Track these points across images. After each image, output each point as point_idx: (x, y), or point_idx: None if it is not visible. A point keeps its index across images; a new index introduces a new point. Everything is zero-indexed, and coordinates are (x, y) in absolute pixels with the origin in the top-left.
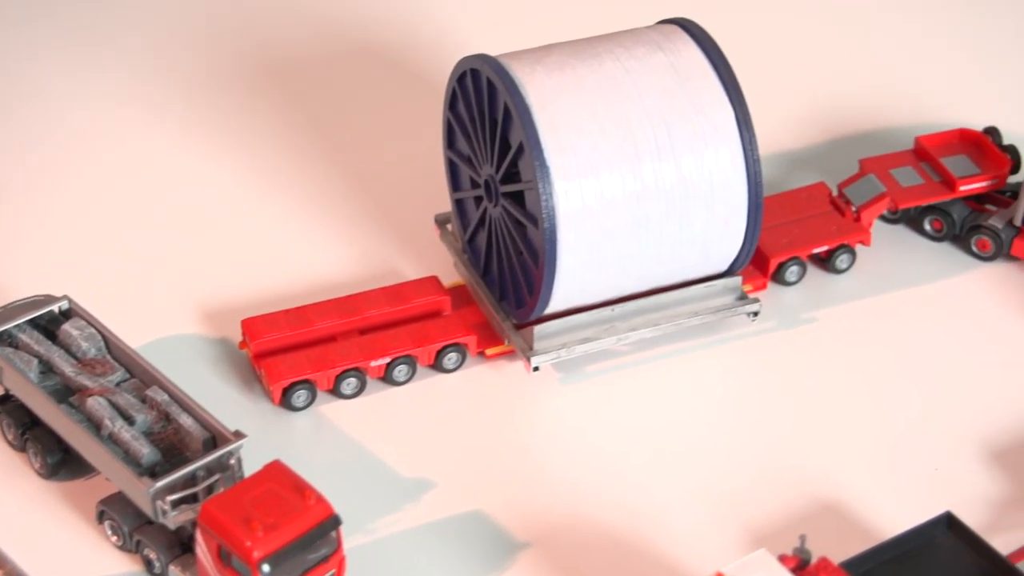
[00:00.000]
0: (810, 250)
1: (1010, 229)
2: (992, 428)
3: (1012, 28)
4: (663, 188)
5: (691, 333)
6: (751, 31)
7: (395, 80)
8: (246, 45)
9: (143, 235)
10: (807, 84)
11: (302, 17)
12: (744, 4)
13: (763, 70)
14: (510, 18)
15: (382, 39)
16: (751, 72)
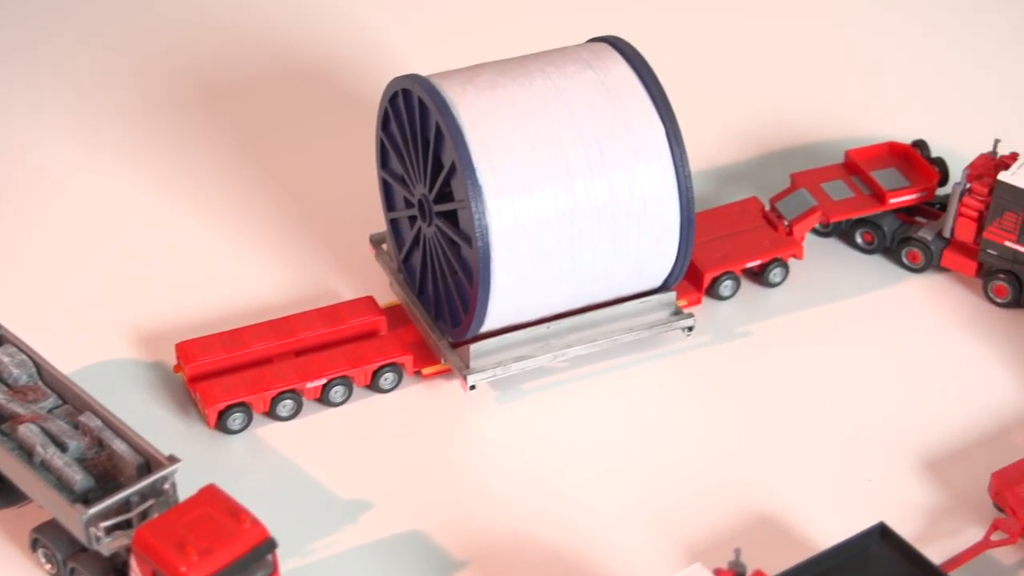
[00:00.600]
0: (743, 264)
1: (939, 241)
2: (925, 438)
3: (939, 42)
4: (595, 205)
5: (627, 349)
6: (682, 48)
7: (328, 101)
8: (177, 68)
9: (75, 260)
10: (739, 99)
11: (233, 40)
12: (675, 22)
13: (695, 86)
14: (443, 38)
15: (314, 60)
16: (683, 89)
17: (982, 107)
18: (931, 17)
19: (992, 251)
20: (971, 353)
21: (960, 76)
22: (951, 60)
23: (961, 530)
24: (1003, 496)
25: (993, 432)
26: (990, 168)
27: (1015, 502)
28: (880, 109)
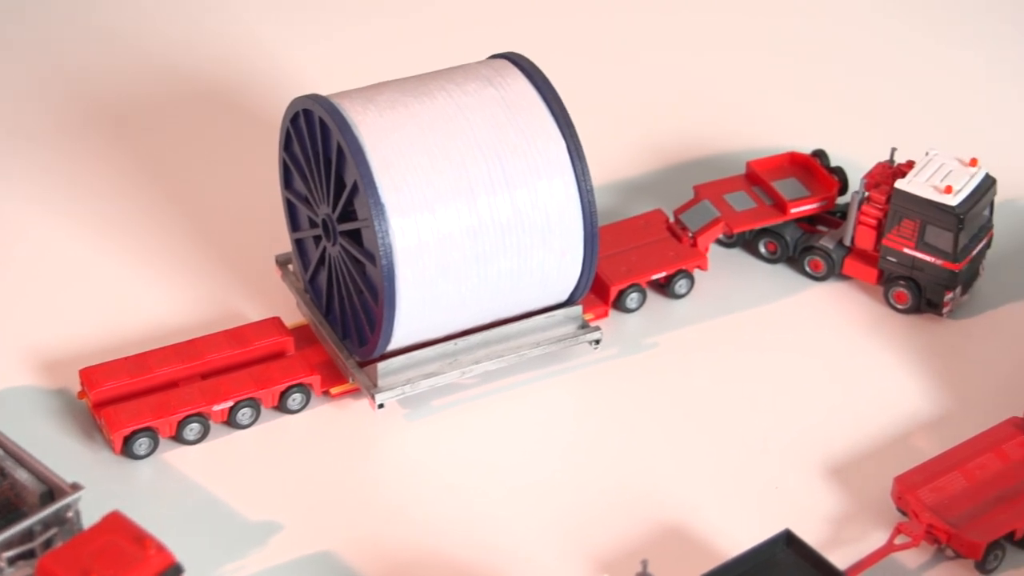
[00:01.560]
0: (649, 276)
1: (841, 249)
2: (830, 444)
3: (836, 53)
4: (499, 222)
5: (535, 363)
6: (584, 63)
7: (231, 122)
8: (78, 91)
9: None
10: (642, 113)
11: (135, 62)
12: (576, 38)
13: (598, 101)
14: (345, 57)
15: (217, 81)
16: (585, 103)
17: (879, 117)
18: (827, 29)
19: (891, 258)
20: (873, 359)
21: (858, 86)
22: (849, 71)
23: (866, 535)
24: (905, 500)
25: (896, 436)
26: (888, 176)
27: (917, 505)
28: (780, 120)
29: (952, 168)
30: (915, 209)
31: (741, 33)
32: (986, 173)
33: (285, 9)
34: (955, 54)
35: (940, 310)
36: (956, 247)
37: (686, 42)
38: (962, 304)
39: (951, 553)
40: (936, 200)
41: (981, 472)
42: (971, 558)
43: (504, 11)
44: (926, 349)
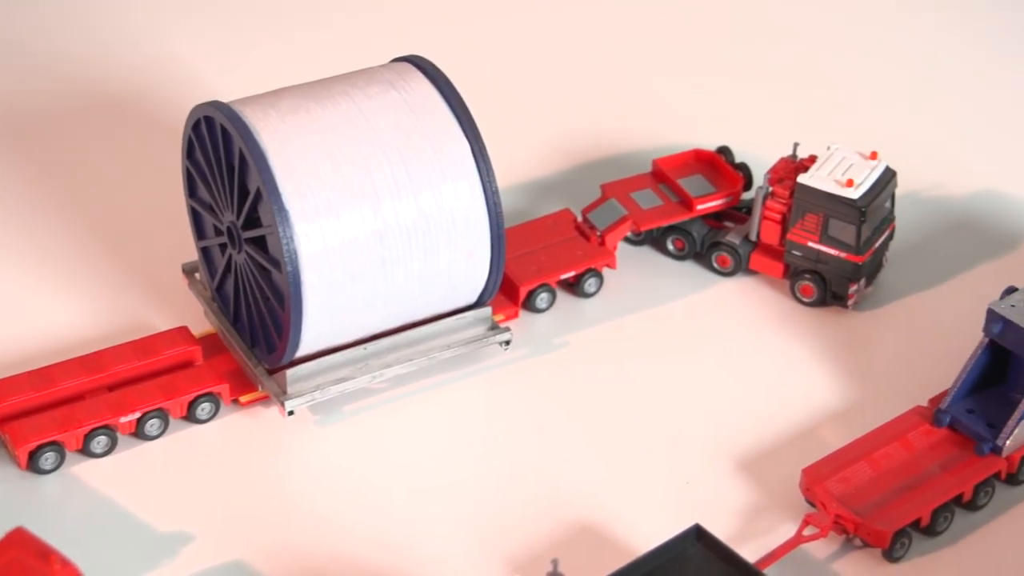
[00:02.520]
0: (558, 276)
1: (747, 244)
2: (740, 438)
3: (738, 50)
4: (404, 225)
5: (447, 366)
6: (488, 64)
7: (134, 131)
8: None
9: None
10: (548, 112)
11: (33, 70)
12: (480, 38)
13: (503, 101)
14: (250, 62)
15: (118, 90)
16: (492, 105)
17: (783, 112)
18: (729, 24)
19: (796, 252)
20: (781, 353)
21: (761, 83)
22: (752, 67)
23: (775, 527)
24: (813, 491)
25: (804, 429)
26: (791, 171)
27: (824, 496)
28: (686, 118)
29: (853, 162)
30: (818, 203)
31: (645, 31)
32: (886, 166)
33: (189, 16)
34: (854, 49)
35: (845, 302)
36: (859, 240)
37: (591, 41)
38: (867, 296)
39: (859, 542)
40: (838, 194)
41: (887, 462)
42: (878, 547)
43: (408, 15)
44: (832, 341)
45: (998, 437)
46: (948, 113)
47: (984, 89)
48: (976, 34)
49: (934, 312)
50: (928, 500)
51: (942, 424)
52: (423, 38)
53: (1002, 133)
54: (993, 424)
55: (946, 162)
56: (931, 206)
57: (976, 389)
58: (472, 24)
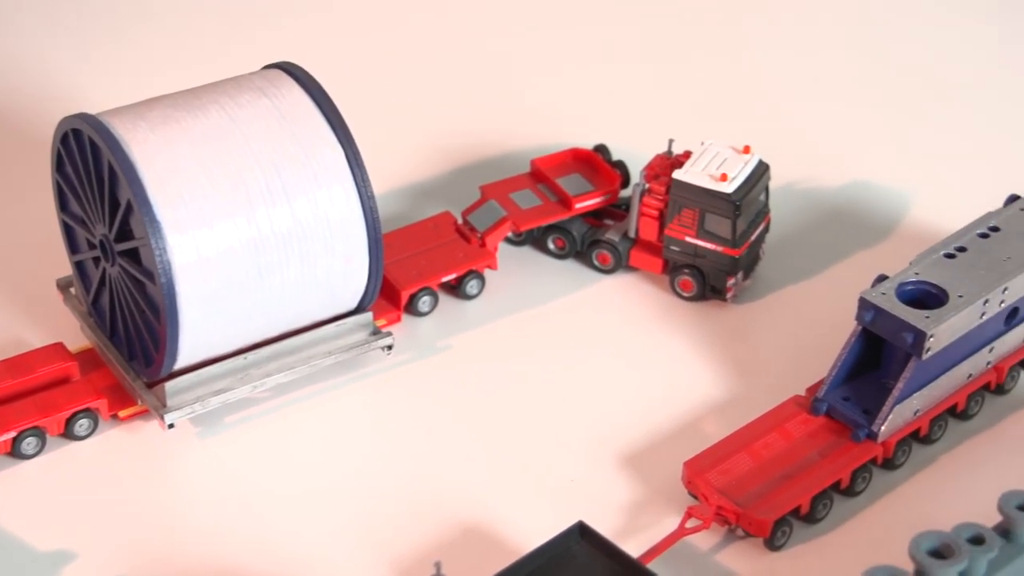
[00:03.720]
0: (439, 279)
1: (626, 241)
2: (623, 434)
3: (613, 49)
4: (279, 233)
5: (330, 373)
6: (362, 70)
7: (2, 144)
8: None
9: None
10: (426, 117)
11: None
12: (352, 45)
13: (380, 107)
14: (118, 72)
15: None
16: (367, 110)
17: (657, 109)
18: (603, 23)
19: (675, 247)
20: (663, 347)
21: (636, 80)
22: (626, 66)
23: (659, 521)
24: (695, 484)
25: (686, 422)
26: (666, 167)
27: (706, 488)
28: (562, 117)
29: (727, 156)
30: (693, 198)
31: (522, 32)
32: (759, 160)
33: (56, 28)
34: (726, 45)
35: (724, 296)
36: (735, 233)
37: (468, 44)
38: (745, 289)
39: (741, 532)
40: (712, 188)
41: (766, 451)
42: (760, 536)
43: (281, 21)
44: (712, 335)
45: (873, 423)
46: (819, 106)
47: (853, 81)
48: (843, 27)
49: (811, 303)
50: (807, 488)
51: (819, 412)
52: (296, 44)
53: (872, 124)
54: (868, 411)
55: (819, 155)
56: (805, 198)
57: (851, 377)
58: (346, 29)
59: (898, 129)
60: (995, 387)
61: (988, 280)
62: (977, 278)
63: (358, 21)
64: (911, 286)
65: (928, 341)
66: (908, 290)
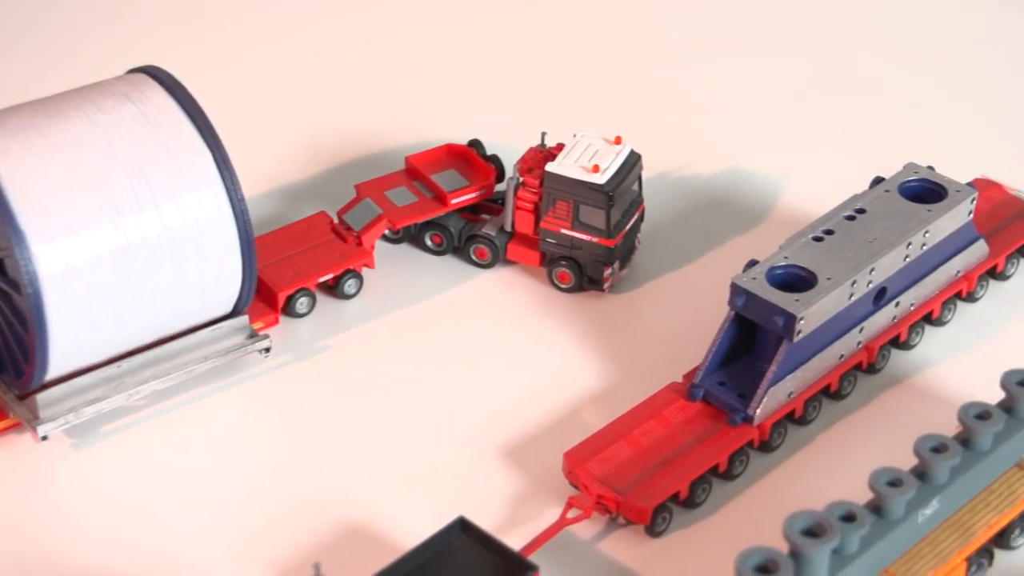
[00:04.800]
0: (316, 279)
1: (503, 235)
2: (505, 427)
3: (483, 43)
4: (149, 239)
5: (208, 378)
6: (230, 72)
7: None
8: None
9: None
10: (299, 117)
11: None
12: (218, 45)
13: (250, 108)
14: None
15: None
16: (236, 112)
17: (530, 102)
18: (472, 19)
19: (551, 240)
20: (543, 340)
21: (508, 74)
22: (497, 59)
23: (541, 512)
24: (575, 474)
25: (567, 413)
26: (539, 160)
27: (586, 478)
28: (436, 113)
29: (599, 148)
30: (567, 190)
31: (392, 29)
32: (631, 150)
33: None
34: (594, 35)
35: (602, 286)
36: (609, 224)
37: (339, 42)
38: (623, 278)
39: (622, 520)
40: (585, 180)
41: (645, 439)
42: (640, 523)
43: (146, 24)
44: (591, 325)
45: (749, 407)
46: (691, 95)
47: (723, 70)
48: (711, 14)
49: (687, 290)
50: (685, 473)
51: (696, 398)
52: (161, 48)
53: (742, 111)
54: (744, 394)
55: (691, 143)
56: (678, 187)
57: (727, 362)
58: (212, 31)
59: (768, 116)
60: (866, 367)
61: (855, 262)
62: (845, 260)
63: (223, 21)
64: (781, 270)
65: (799, 324)
66: (778, 274)
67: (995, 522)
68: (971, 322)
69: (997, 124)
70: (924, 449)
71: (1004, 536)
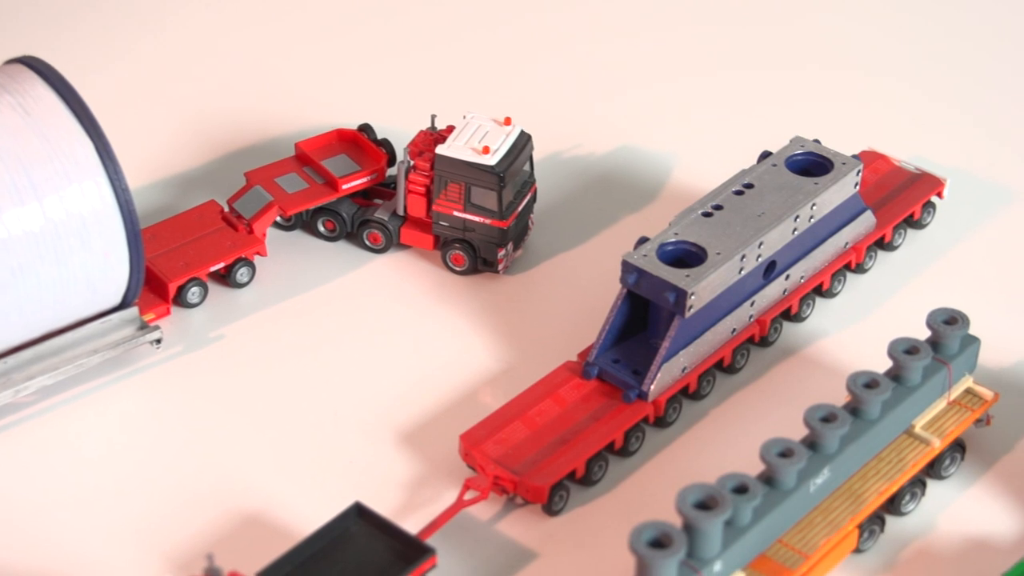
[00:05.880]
0: (207, 269)
1: (396, 219)
2: (402, 411)
3: (373, 28)
4: (31, 232)
5: (98, 371)
6: (112, 61)
7: None
8: None
9: None
10: (185, 105)
11: None
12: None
13: (136, 98)
14: None
15: None
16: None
17: (419, 86)
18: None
19: (444, 223)
20: (438, 322)
21: (397, 58)
22: (386, 44)
23: (439, 495)
24: (472, 455)
25: (464, 395)
26: (430, 143)
27: (482, 459)
28: (325, 98)
29: (489, 129)
30: (458, 172)
31: (280, 14)
32: (521, 130)
33: None
34: (483, 17)
35: (496, 267)
36: (501, 205)
37: (224, 27)
38: (517, 259)
39: (520, 500)
40: (476, 161)
41: (541, 419)
42: (538, 502)
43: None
44: (487, 307)
45: (643, 383)
46: (580, 74)
47: (612, 48)
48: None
49: (581, 269)
50: (581, 451)
51: (591, 376)
52: (39, 38)
53: (631, 89)
54: (638, 371)
55: (581, 123)
56: (571, 167)
57: (620, 339)
58: (91, 19)
59: (656, 95)
60: (759, 340)
61: (744, 236)
62: (734, 235)
63: (103, 8)
64: (671, 246)
65: (690, 299)
66: (668, 250)
67: (886, 489)
68: (861, 293)
69: (882, 97)
70: (814, 419)
71: (895, 502)
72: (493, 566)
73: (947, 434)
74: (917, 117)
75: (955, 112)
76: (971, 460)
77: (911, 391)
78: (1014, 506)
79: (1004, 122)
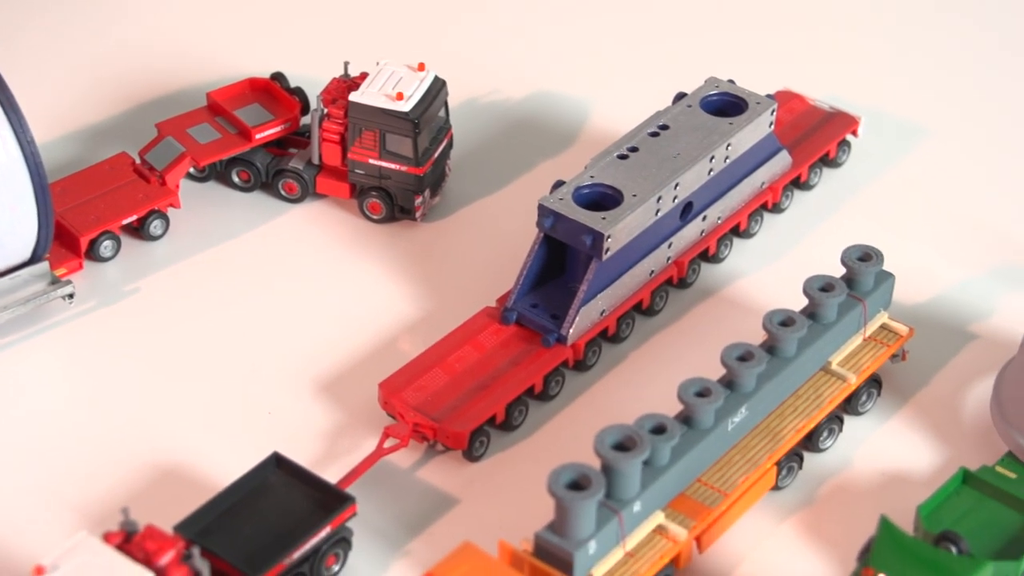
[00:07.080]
0: (120, 222)
1: (311, 168)
2: (320, 361)
3: None
4: None
5: (9, 328)
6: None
7: None
8: None
9: None
10: (96, 56)
11: None
12: None
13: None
14: None
15: None
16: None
17: (332, 32)
18: None
19: (360, 171)
20: (357, 272)
21: (308, 4)
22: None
23: (359, 444)
24: (391, 403)
25: (383, 344)
26: (343, 91)
27: (402, 407)
28: (236, 47)
29: (402, 75)
30: (372, 119)
31: None
32: (435, 76)
33: None
34: None
35: (414, 215)
36: (417, 151)
37: None
38: (434, 206)
39: (440, 447)
40: (389, 108)
41: (460, 365)
42: (458, 448)
43: None
44: (405, 255)
45: (562, 327)
46: (493, 19)
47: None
48: None
49: (499, 215)
50: (501, 397)
51: (509, 322)
52: None
53: (545, 33)
54: (557, 315)
55: (496, 68)
56: (487, 112)
57: (539, 284)
58: None
59: (570, 38)
60: (677, 281)
61: (660, 177)
62: (649, 176)
63: None
64: (587, 189)
65: (606, 242)
66: (584, 193)
67: (803, 426)
68: (777, 233)
69: (796, 36)
70: (730, 358)
71: (812, 439)
72: (414, 513)
73: (863, 370)
74: (831, 56)
75: (869, 50)
76: (887, 395)
77: (827, 328)
78: (930, 439)
79: (918, 59)
